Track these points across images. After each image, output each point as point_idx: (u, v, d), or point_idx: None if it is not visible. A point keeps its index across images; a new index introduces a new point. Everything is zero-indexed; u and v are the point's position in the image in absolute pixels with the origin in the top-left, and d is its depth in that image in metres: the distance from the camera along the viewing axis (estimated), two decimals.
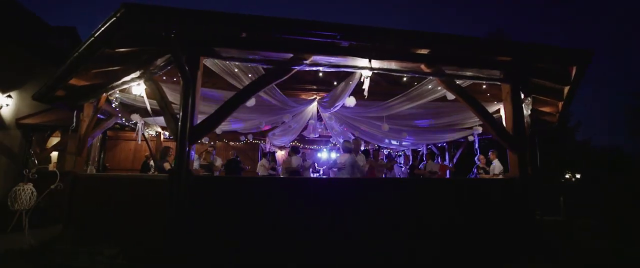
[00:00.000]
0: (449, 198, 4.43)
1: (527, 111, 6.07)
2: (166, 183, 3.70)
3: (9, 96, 8.20)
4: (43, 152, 8.84)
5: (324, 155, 13.03)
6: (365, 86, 4.82)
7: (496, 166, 7.31)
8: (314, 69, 4.31)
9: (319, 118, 8.55)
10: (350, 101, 5.54)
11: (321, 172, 10.91)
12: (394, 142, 9.63)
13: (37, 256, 4.56)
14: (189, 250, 3.74)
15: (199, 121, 3.89)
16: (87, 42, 3.94)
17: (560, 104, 5.92)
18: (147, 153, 9.15)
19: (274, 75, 4.18)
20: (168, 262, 3.72)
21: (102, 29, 3.63)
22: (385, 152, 11.04)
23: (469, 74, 4.77)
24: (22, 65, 8.59)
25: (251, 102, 5.61)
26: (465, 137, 8.69)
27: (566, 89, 5.16)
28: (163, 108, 4.14)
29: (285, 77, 4.21)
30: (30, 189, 5.33)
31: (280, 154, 12.75)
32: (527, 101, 5.62)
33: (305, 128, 9.31)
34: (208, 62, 4.69)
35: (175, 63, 3.68)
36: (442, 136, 8.68)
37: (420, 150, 10.99)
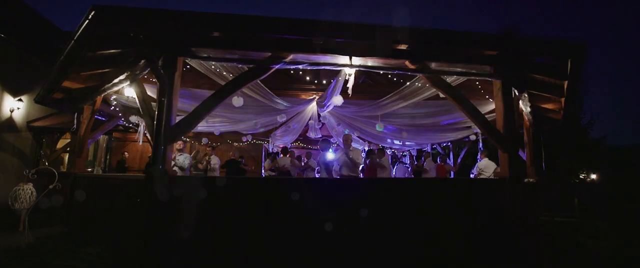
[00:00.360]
0: (423, 200, 4.30)
1: (526, 108, 5.82)
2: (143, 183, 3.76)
3: (20, 100, 8.56)
4: (53, 154, 9.17)
5: (330, 155, 12.92)
6: (350, 84, 4.74)
7: (479, 165, 7.02)
8: (294, 67, 4.24)
9: (320, 118, 8.51)
10: (337, 100, 5.45)
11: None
12: (396, 142, 9.45)
13: (29, 254, 4.71)
14: (163, 249, 3.78)
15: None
16: (69, 46, 4.03)
17: (563, 100, 5.62)
18: (150, 154, 9.34)
19: (252, 75, 4.15)
20: (143, 261, 3.77)
21: (79, 31, 3.69)
22: (389, 152, 10.83)
23: (456, 70, 4.61)
24: (33, 70, 8.95)
25: (239, 102, 5.60)
26: (469, 136, 8.42)
27: (566, 84, 4.89)
28: (143, 109, 4.19)
29: (265, 75, 4.17)
30: (30, 189, 5.52)
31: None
32: (523, 97, 5.39)
33: (307, 128, 9.29)
34: (194, 63, 4.73)
35: (148, 63, 3.71)
36: (444, 135, 8.44)
37: (425, 150, 10.73)
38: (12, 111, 8.49)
